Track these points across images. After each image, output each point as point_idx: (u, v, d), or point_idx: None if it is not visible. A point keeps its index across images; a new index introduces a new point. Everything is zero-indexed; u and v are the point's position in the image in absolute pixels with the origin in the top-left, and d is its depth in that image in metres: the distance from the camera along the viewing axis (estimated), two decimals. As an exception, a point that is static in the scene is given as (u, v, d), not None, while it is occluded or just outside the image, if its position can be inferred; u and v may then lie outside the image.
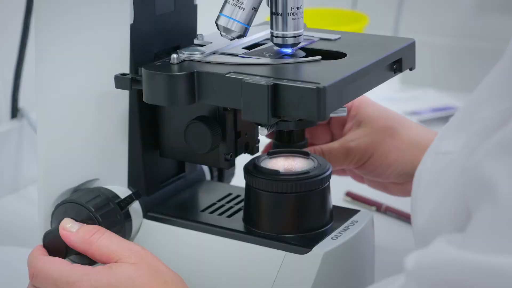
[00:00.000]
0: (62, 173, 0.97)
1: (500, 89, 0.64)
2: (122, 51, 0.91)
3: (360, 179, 1.10)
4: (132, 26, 0.91)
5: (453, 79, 2.08)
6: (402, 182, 1.05)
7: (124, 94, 0.93)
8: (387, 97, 1.66)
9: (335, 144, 1.04)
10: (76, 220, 0.90)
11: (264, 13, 0.92)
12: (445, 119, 1.58)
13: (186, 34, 0.99)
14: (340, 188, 1.24)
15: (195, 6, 1.00)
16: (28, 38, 1.26)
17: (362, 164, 1.04)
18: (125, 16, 0.90)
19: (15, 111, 1.31)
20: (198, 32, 1.00)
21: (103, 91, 0.93)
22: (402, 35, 2.11)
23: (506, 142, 0.57)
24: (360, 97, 1.02)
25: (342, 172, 1.10)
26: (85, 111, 0.95)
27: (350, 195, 1.24)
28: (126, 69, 0.92)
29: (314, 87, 0.80)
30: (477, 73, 2.03)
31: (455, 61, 2.10)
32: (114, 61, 0.92)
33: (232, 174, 1.11)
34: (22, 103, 1.31)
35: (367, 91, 0.89)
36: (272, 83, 0.81)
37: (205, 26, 1.04)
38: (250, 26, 0.88)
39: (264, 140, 1.03)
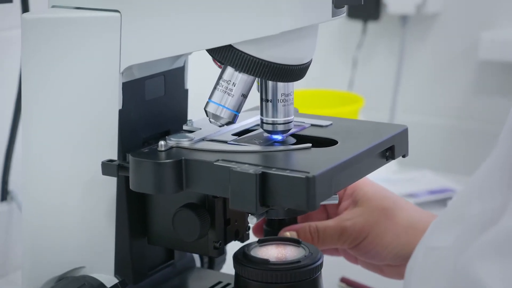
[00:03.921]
0: (47, 260, 0.95)
1: (491, 186, 0.63)
2: (110, 137, 0.90)
3: (354, 260, 1.08)
4: (120, 111, 0.90)
5: (451, 161, 2.07)
6: (397, 265, 1.03)
7: (112, 180, 0.91)
8: (383, 179, 1.65)
9: (330, 223, 1.02)
10: (60, 311, 0.87)
11: (255, 97, 0.91)
12: (442, 201, 1.57)
13: (176, 119, 0.98)
14: (335, 273, 1.21)
15: (186, 91, 1.00)
16: (19, 121, 1.25)
17: (356, 245, 1.02)
18: (113, 101, 0.90)
19: (5, 194, 1.29)
20: (189, 116, 0.99)
21: (90, 176, 0.92)
22: (399, 116, 2.13)
23: (496, 242, 0.57)
24: None
25: (335, 252, 1.07)
26: (71, 197, 0.93)
27: (344, 281, 1.21)
28: (114, 155, 0.90)
29: (303, 176, 0.78)
30: (475, 154, 2.03)
31: (453, 142, 2.10)
32: (102, 147, 0.91)
33: (223, 260, 1.09)
34: (12, 185, 1.29)
35: (359, 179, 0.88)
36: (260, 172, 0.80)
37: (196, 110, 1.03)
38: (239, 112, 0.87)
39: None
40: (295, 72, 0.86)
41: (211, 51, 0.86)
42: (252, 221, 0.86)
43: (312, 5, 0.84)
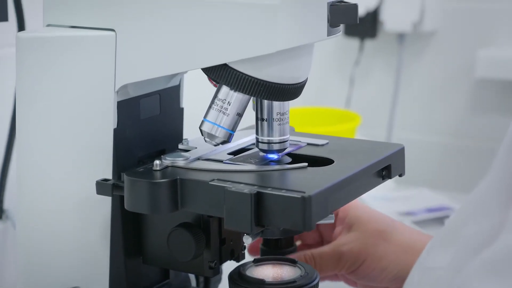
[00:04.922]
0: (41, 280, 0.94)
1: (487, 205, 0.62)
2: (105, 156, 0.90)
3: (353, 283, 1.07)
4: (115, 130, 0.89)
5: (448, 179, 2.07)
6: (396, 287, 1.02)
7: (106, 199, 0.90)
8: (380, 197, 1.64)
9: (326, 249, 1.01)
10: (53, 332, 0.86)
11: (250, 116, 0.91)
12: (440, 220, 1.56)
13: (172, 138, 0.97)
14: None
15: (181, 109, 0.99)
16: (15, 140, 1.24)
17: (355, 269, 1.01)
18: (108, 120, 0.89)
19: (0, 212, 1.28)
20: (185, 134, 0.98)
21: (85, 196, 0.91)
22: (396, 133, 2.12)
23: (493, 261, 0.56)
24: None
25: (334, 278, 1.07)
26: (66, 217, 0.93)
27: (341, 301, 1.20)
28: (109, 174, 0.90)
29: (299, 196, 0.78)
30: (472, 172, 2.02)
31: (450, 160, 2.10)
32: (97, 166, 0.90)
33: (219, 280, 1.08)
34: (7, 204, 1.28)
35: (355, 198, 0.87)
36: (255, 192, 0.79)
37: (192, 129, 1.02)
38: (234, 132, 0.87)
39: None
40: (290, 91, 0.86)
41: (206, 70, 0.86)
42: (247, 240, 0.85)
43: (307, 24, 0.83)
